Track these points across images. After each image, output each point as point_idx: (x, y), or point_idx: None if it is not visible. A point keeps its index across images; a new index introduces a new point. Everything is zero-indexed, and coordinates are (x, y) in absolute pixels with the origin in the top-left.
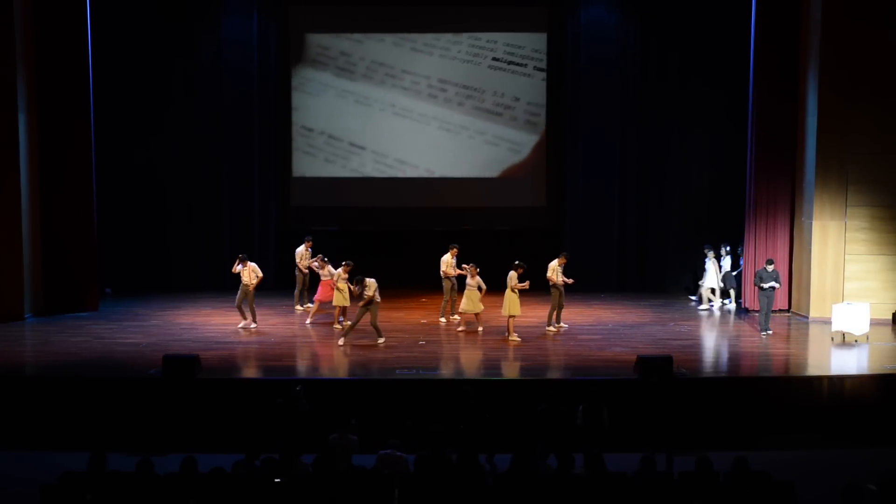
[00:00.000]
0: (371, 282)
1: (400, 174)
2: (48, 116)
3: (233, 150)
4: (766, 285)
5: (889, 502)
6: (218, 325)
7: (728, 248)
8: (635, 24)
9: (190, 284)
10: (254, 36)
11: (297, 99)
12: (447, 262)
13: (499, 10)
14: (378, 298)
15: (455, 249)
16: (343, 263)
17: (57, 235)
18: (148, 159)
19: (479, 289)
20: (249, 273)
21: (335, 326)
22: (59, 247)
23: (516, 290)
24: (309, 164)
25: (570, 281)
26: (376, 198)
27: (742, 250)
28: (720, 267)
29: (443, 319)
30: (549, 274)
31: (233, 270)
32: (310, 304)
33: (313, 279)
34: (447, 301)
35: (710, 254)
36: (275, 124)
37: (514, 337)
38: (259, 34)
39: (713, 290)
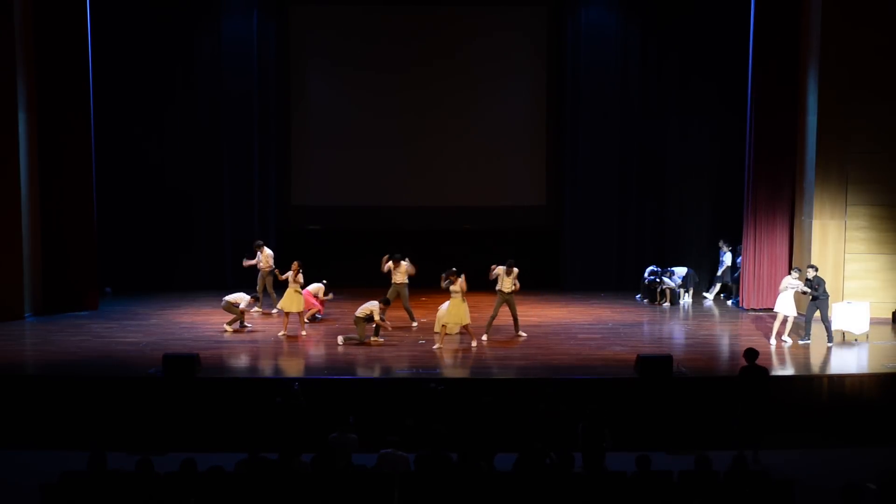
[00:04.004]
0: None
1: (399, 173)
2: (48, 115)
3: (233, 149)
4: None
5: (889, 502)
6: (218, 324)
7: (731, 246)
8: (635, 24)
9: (190, 284)
10: (254, 36)
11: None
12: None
13: (498, 9)
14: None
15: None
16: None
17: (57, 234)
18: (148, 158)
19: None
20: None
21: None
22: (58, 246)
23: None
24: (309, 162)
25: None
26: (376, 197)
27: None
28: (721, 262)
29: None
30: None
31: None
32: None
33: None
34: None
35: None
36: (275, 123)
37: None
38: (259, 34)
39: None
